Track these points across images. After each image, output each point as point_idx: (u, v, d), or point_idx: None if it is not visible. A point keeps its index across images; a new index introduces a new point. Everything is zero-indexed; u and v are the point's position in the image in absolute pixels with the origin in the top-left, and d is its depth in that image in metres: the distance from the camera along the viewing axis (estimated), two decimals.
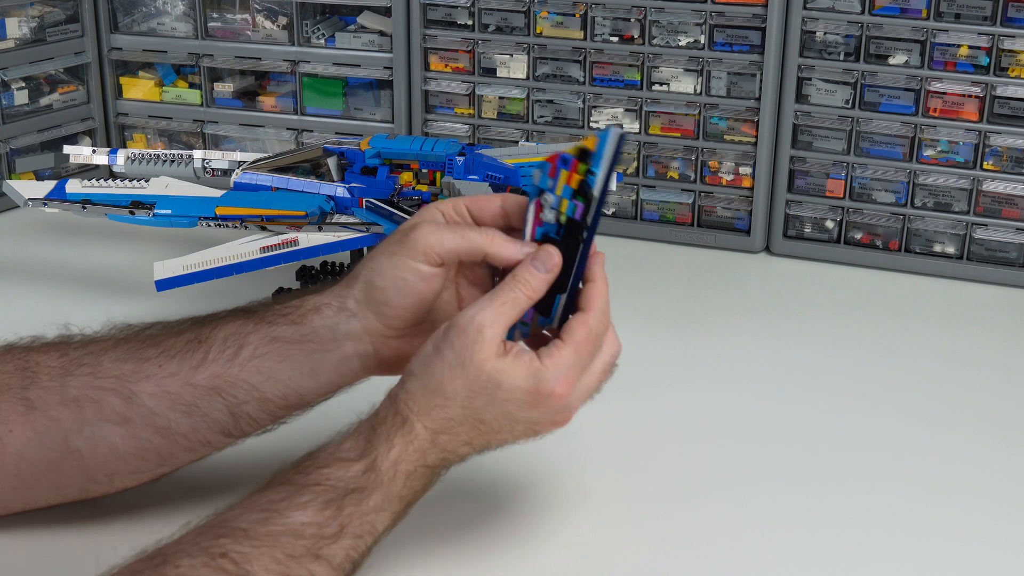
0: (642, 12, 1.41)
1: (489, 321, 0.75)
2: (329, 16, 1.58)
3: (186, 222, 1.10)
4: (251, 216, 1.08)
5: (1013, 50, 1.30)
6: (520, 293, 0.77)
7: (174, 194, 1.14)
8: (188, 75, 1.65)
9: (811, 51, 1.37)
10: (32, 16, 1.55)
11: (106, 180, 1.18)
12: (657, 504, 0.94)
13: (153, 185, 1.16)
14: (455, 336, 0.75)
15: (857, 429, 1.05)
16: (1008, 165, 1.34)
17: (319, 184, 1.14)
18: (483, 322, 0.75)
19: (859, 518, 0.92)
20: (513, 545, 0.87)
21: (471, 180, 1.11)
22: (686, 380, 1.14)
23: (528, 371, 0.75)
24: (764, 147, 1.41)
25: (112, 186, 1.16)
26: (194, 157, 1.22)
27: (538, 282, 0.78)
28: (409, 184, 1.15)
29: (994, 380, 1.15)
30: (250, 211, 1.09)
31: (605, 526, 0.90)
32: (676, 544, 0.89)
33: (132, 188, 1.15)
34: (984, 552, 0.88)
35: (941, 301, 1.35)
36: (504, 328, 0.76)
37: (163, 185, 1.15)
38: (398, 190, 1.13)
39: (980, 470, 0.99)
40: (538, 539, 0.88)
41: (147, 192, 1.15)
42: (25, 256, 1.42)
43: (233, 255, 1.03)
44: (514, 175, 1.11)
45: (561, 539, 0.88)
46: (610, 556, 0.87)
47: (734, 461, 0.99)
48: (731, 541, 0.89)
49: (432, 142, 1.15)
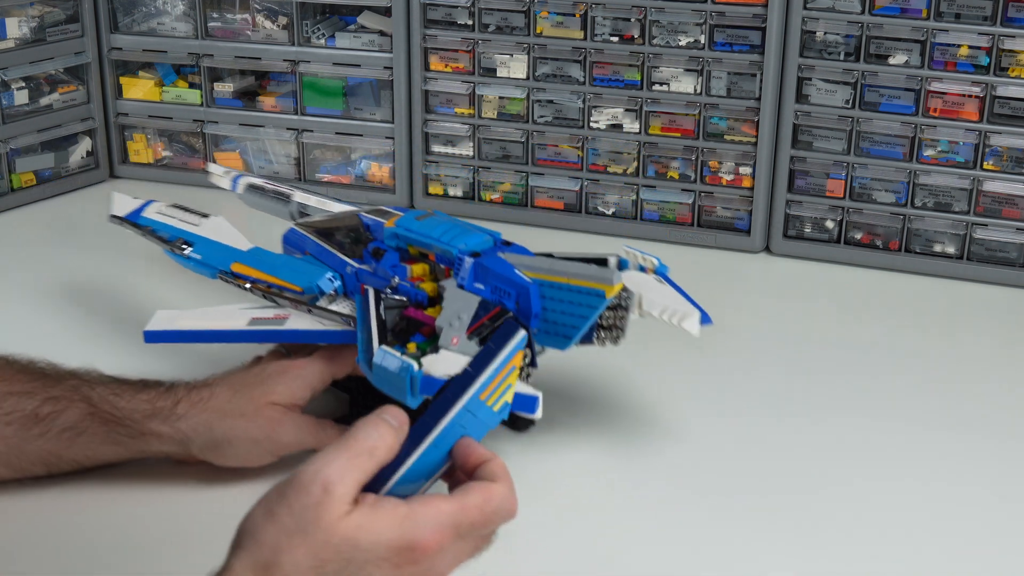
0: (642, 12, 1.41)
1: (337, 476, 0.63)
2: (329, 16, 1.58)
3: (208, 272, 1.06)
4: (258, 280, 1.02)
5: (1013, 50, 1.30)
6: (377, 442, 0.66)
7: (215, 239, 1.09)
8: (188, 75, 1.65)
9: (811, 51, 1.37)
10: (32, 16, 1.55)
11: (180, 209, 1.14)
12: (653, 503, 0.94)
13: (204, 225, 1.11)
14: (295, 496, 0.62)
15: (857, 429, 1.05)
16: (1008, 165, 1.34)
17: (339, 259, 1.01)
18: (331, 479, 0.63)
19: (859, 517, 0.92)
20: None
21: (473, 290, 0.90)
22: (685, 380, 1.13)
23: (392, 519, 0.63)
24: (764, 147, 1.41)
25: (176, 217, 1.13)
26: (292, 199, 1.16)
27: (391, 435, 0.68)
28: (419, 278, 0.96)
29: (994, 380, 1.15)
30: (260, 275, 1.02)
31: (607, 525, 0.91)
32: (676, 543, 0.89)
33: (186, 224, 1.11)
34: (985, 551, 0.88)
35: (941, 301, 1.35)
36: (358, 485, 0.64)
37: (214, 227, 1.10)
38: (393, 285, 0.95)
39: (980, 470, 0.99)
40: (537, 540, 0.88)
41: (194, 231, 1.10)
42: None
43: (223, 322, 0.98)
44: (526, 293, 0.89)
45: (561, 541, 0.88)
46: (609, 556, 0.87)
47: (733, 461, 0.99)
48: (726, 540, 0.89)
49: (463, 231, 0.96)
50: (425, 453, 0.71)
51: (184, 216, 1.13)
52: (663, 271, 0.98)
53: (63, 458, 0.89)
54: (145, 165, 1.69)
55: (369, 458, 0.65)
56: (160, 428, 0.89)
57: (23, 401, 0.88)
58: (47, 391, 0.89)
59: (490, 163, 1.53)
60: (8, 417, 0.88)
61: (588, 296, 0.87)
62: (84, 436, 0.89)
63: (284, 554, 0.61)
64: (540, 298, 0.89)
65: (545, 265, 0.90)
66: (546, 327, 0.89)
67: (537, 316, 0.89)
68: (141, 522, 0.89)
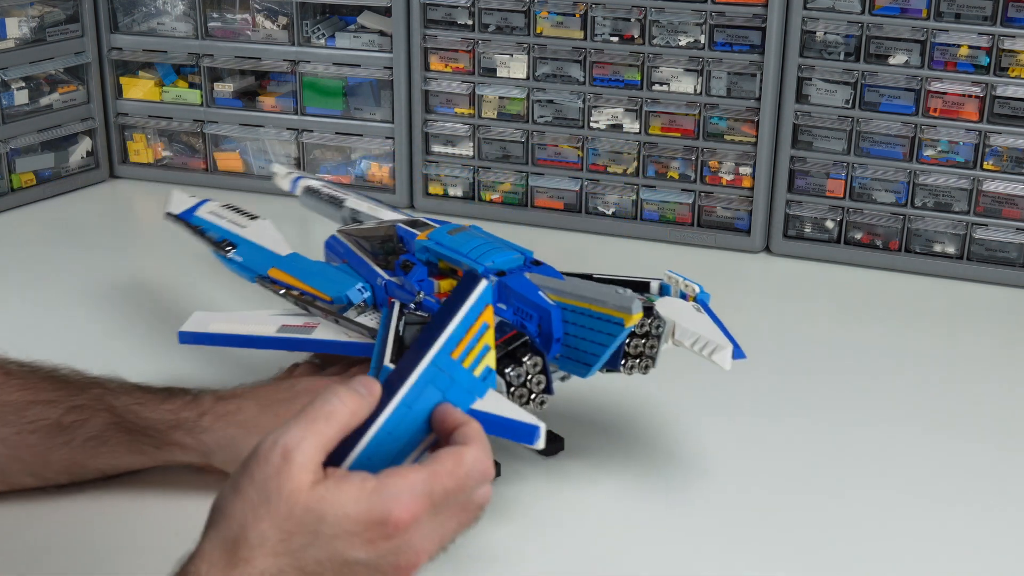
0: (642, 12, 1.41)
1: (295, 442, 0.60)
2: (329, 16, 1.58)
3: (248, 275, 1.05)
4: (292, 287, 1.00)
5: (1013, 50, 1.30)
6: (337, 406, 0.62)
7: (258, 242, 1.08)
8: (188, 75, 1.65)
9: (811, 51, 1.37)
10: (32, 16, 1.55)
11: (231, 209, 1.14)
12: (650, 503, 0.94)
13: (250, 227, 1.10)
14: (256, 467, 0.60)
15: (857, 429, 1.05)
16: (1008, 165, 1.34)
17: (372, 269, 0.99)
18: (289, 445, 0.60)
19: (858, 517, 0.92)
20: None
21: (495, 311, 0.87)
22: (684, 380, 1.13)
23: (358, 492, 0.60)
24: (764, 147, 1.41)
25: (226, 217, 1.12)
26: (344, 205, 1.15)
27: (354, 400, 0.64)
28: (445, 295, 0.93)
29: (994, 380, 1.15)
30: (294, 281, 1.01)
31: (606, 527, 0.91)
32: (675, 543, 0.89)
33: (233, 225, 1.11)
34: (984, 551, 0.88)
35: (941, 301, 1.35)
36: (319, 450, 0.61)
37: (259, 229, 1.09)
38: (418, 300, 0.92)
39: (980, 470, 0.99)
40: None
41: (240, 233, 1.09)
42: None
43: (253, 327, 0.97)
44: (548, 316, 0.87)
45: (562, 541, 0.88)
46: (611, 556, 0.87)
47: (732, 461, 0.99)
48: (725, 535, 0.89)
49: (493, 248, 0.94)
50: (395, 417, 0.66)
51: (233, 217, 1.12)
52: (704, 299, 0.95)
53: (87, 467, 0.89)
54: (145, 165, 1.69)
55: (327, 422, 0.61)
56: (184, 439, 0.88)
57: (47, 410, 0.88)
58: (71, 400, 0.89)
59: (490, 163, 1.53)
60: (32, 426, 0.87)
61: (607, 324, 0.85)
62: (108, 445, 0.88)
63: (250, 528, 0.59)
64: (563, 323, 0.87)
65: (568, 288, 0.88)
66: (567, 352, 0.87)
67: (559, 341, 0.87)
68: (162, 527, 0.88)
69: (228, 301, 1.23)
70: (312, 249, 1.07)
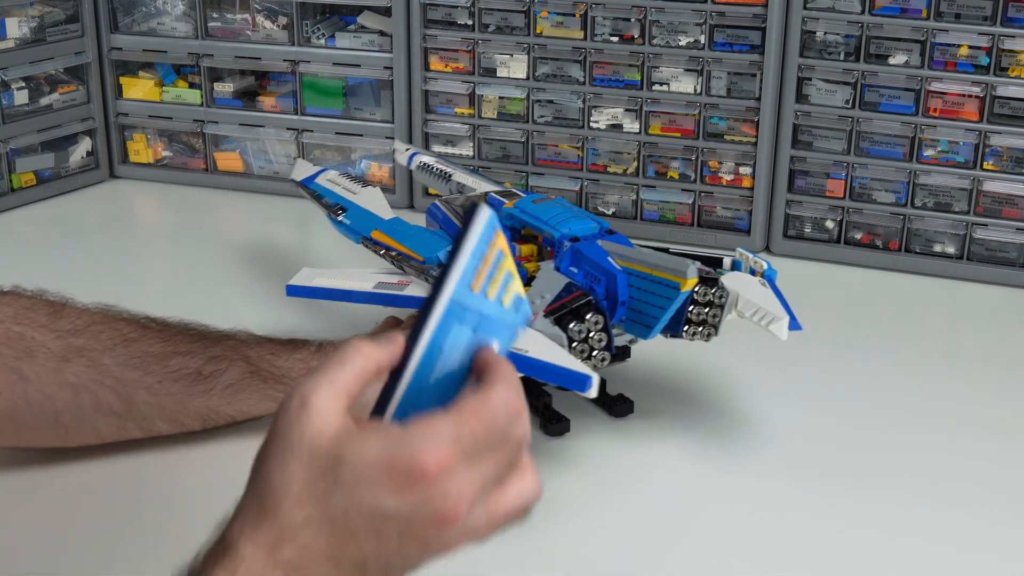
0: (642, 12, 1.41)
1: (310, 389, 0.59)
2: (329, 16, 1.58)
3: (354, 236, 1.12)
4: (391, 248, 1.08)
5: (1013, 50, 1.30)
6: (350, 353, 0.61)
7: (366, 207, 1.15)
8: (188, 75, 1.65)
9: (811, 51, 1.37)
10: (32, 16, 1.55)
11: (347, 177, 1.21)
12: (649, 503, 0.94)
13: (361, 194, 1.17)
14: (280, 420, 0.59)
15: (857, 429, 1.05)
16: (1008, 165, 1.34)
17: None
18: (305, 392, 0.59)
19: (858, 516, 0.92)
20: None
21: (568, 273, 0.96)
22: (684, 380, 1.13)
23: (382, 437, 0.57)
24: (764, 147, 1.41)
25: (340, 184, 1.20)
26: (452, 179, 1.21)
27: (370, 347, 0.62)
28: (526, 258, 1.02)
29: (994, 380, 1.15)
30: (392, 243, 1.08)
31: (607, 526, 0.91)
32: (675, 541, 0.89)
33: (346, 192, 1.19)
34: (985, 551, 0.88)
35: (941, 301, 1.35)
36: (340, 398, 0.60)
37: (369, 196, 1.16)
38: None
39: (981, 470, 0.99)
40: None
41: (351, 199, 1.17)
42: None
43: (353, 283, 1.04)
44: (614, 280, 0.93)
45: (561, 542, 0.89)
46: (610, 555, 0.87)
47: (731, 461, 0.99)
48: (727, 534, 0.89)
49: (572, 216, 1.01)
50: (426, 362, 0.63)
51: (347, 184, 1.20)
52: (771, 276, 1.01)
53: (221, 413, 0.96)
54: (145, 165, 1.69)
55: (341, 367, 0.60)
56: None
57: (188, 360, 0.94)
58: (208, 351, 0.96)
59: (490, 163, 1.53)
60: (175, 375, 0.94)
61: (665, 287, 0.92)
62: (244, 393, 0.96)
63: (275, 477, 0.57)
64: (627, 287, 0.94)
65: (633, 254, 0.95)
66: (631, 315, 0.95)
67: (624, 304, 0.94)
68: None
69: (228, 301, 1.24)
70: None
